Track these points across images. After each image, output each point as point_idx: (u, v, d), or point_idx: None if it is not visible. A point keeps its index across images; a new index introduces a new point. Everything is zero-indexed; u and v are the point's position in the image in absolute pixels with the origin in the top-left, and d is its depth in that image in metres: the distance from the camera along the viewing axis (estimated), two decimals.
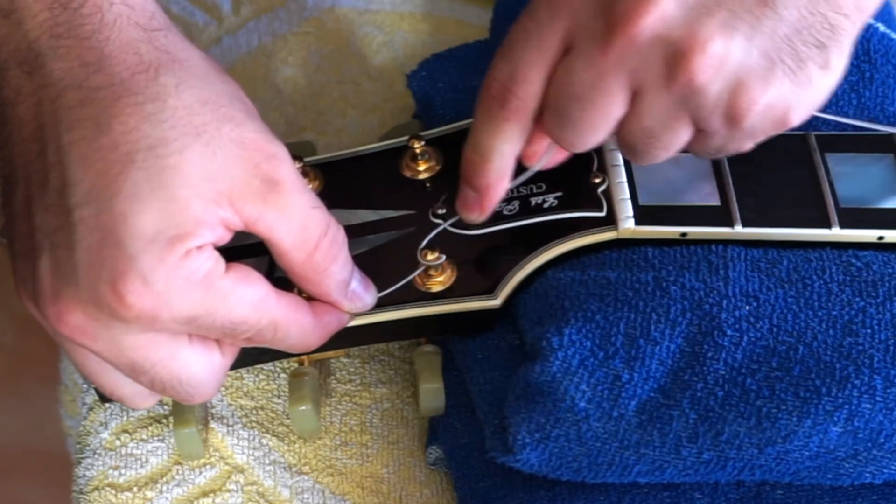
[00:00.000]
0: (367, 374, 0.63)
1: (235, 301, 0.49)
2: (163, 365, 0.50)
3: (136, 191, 0.47)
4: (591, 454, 0.54)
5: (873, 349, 0.54)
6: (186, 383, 0.51)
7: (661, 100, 0.49)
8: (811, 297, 0.55)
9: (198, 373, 0.51)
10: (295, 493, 0.60)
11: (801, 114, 0.50)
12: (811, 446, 0.53)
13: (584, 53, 0.50)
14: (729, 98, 0.49)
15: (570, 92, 0.50)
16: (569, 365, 0.54)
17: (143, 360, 0.49)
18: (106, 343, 0.48)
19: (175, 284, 0.48)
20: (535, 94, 0.52)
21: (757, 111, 0.49)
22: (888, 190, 0.58)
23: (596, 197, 0.58)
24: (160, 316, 0.48)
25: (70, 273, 0.47)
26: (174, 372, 0.50)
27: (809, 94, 0.49)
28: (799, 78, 0.49)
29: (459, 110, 0.63)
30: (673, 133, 0.51)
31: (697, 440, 0.53)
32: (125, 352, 0.49)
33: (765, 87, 0.49)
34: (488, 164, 0.54)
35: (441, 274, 0.57)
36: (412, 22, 0.74)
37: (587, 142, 0.52)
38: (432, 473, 0.61)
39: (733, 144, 0.52)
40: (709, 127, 0.50)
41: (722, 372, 0.54)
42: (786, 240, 0.57)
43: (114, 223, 0.47)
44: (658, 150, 0.52)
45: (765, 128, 0.50)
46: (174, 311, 0.48)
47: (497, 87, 0.52)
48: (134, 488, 0.59)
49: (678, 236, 0.57)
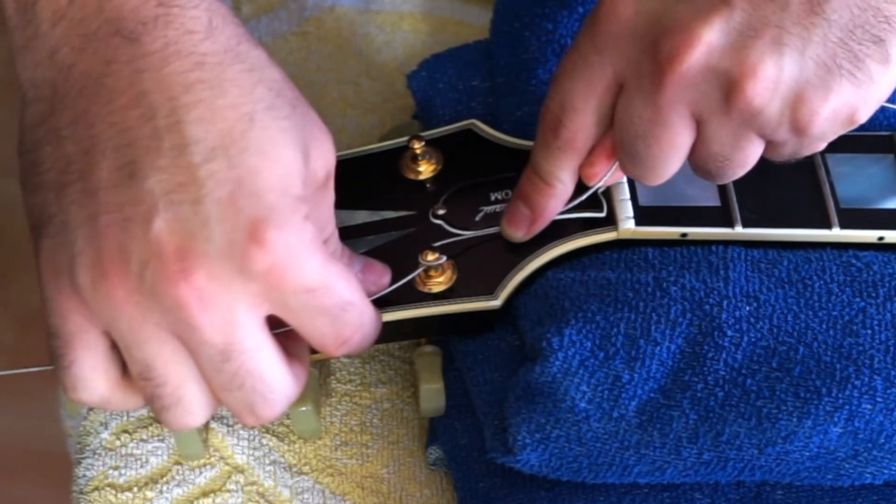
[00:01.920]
0: (368, 374, 0.63)
1: (346, 283, 0.50)
2: (252, 355, 0.49)
3: (261, 148, 0.48)
4: (591, 455, 0.54)
5: (873, 350, 0.54)
6: (267, 386, 0.50)
7: (725, 126, 0.50)
8: (811, 297, 0.55)
9: (278, 378, 0.50)
10: (295, 493, 0.60)
11: (867, 111, 0.50)
12: (811, 447, 0.53)
13: (640, 92, 0.50)
14: (791, 113, 0.49)
15: (634, 131, 0.51)
16: (569, 365, 0.54)
17: (239, 342, 0.48)
18: (215, 313, 0.48)
19: (303, 243, 0.48)
20: (586, 124, 0.53)
21: (821, 120, 0.49)
22: (888, 190, 0.58)
23: (596, 197, 0.58)
24: (286, 276, 0.48)
25: (200, 226, 0.47)
26: (260, 367, 0.49)
27: (873, 91, 0.49)
28: (859, 78, 0.49)
29: (459, 110, 0.64)
30: (744, 152, 0.51)
31: (698, 441, 0.53)
32: (227, 326, 0.48)
33: (825, 95, 0.48)
34: (550, 188, 0.56)
35: (441, 274, 0.57)
36: (412, 22, 0.74)
37: (661, 174, 0.53)
38: (432, 473, 0.61)
39: (806, 149, 0.52)
40: (777, 139, 0.50)
41: (722, 372, 0.54)
42: (786, 240, 0.57)
43: (246, 176, 0.48)
44: (734, 170, 0.52)
45: (834, 130, 0.50)
46: (299, 273, 0.48)
47: (550, 116, 0.54)
48: (134, 488, 0.59)
49: (678, 237, 0.57)
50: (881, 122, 0.61)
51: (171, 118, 0.48)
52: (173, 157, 0.48)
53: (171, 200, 0.47)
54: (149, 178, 0.48)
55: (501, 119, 0.63)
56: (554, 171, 0.55)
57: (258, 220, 0.47)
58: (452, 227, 0.58)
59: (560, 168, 0.55)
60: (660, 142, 0.51)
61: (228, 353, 0.48)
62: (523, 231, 0.57)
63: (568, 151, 0.54)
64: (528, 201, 0.56)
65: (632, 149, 0.52)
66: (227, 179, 0.48)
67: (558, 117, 0.53)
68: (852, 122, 0.50)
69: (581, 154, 0.55)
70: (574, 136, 0.54)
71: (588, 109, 0.53)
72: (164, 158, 0.48)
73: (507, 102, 0.63)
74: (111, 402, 0.51)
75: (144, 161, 0.48)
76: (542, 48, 0.62)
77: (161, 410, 0.50)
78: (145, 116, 0.48)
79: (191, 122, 0.48)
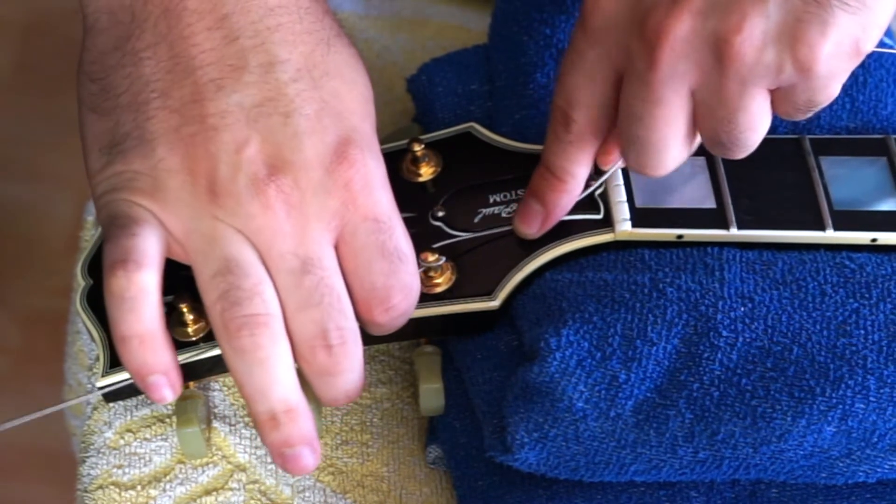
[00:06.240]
0: (368, 374, 0.62)
1: (406, 235, 0.52)
2: (331, 273, 0.50)
3: (339, 72, 0.52)
4: (588, 453, 0.54)
5: (867, 350, 0.54)
6: (344, 309, 0.50)
7: (724, 88, 0.49)
8: (805, 298, 0.55)
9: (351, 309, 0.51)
10: (296, 492, 0.60)
11: (871, 39, 0.49)
12: (805, 446, 0.53)
13: (635, 75, 0.51)
14: (791, 55, 0.48)
15: (632, 113, 0.51)
16: (567, 365, 0.54)
17: (318, 257, 0.50)
18: (296, 222, 0.49)
19: (379, 169, 0.51)
20: (594, 116, 0.54)
21: (825, 55, 0.48)
22: (881, 193, 0.58)
23: (594, 200, 0.58)
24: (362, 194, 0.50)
25: (289, 137, 0.50)
26: (338, 287, 0.50)
27: (871, 17, 0.48)
28: (853, 6, 0.47)
29: (458, 114, 0.64)
30: (749, 112, 0.50)
31: (693, 440, 0.53)
32: (307, 238, 0.50)
33: (822, 30, 0.47)
34: (562, 183, 0.56)
35: (441, 275, 0.57)
36: (412, 27, 0.74)
37: (663, 160, 0.52)
38: (432, 472, 0.61)
39: (820, 93, 0.50)
40: (783, 84, 0.49)
41: (718, 372, 0.54)
42: (780, 242, 0.57)
43: (330, 98, 0.51)
44: (746, 134, 0.51)
45: (841, 66, 0.49)
46: (372, 198, 0.50)
47: (559, 112, 0.54)
48: (137, 487, 0.59)
49: (674, 238, 0.57)
50: (874, 126, 0.61)
51: (256, 39, 0.50)
52: (261, 74, 0.50)
53: (260, 112, 0.50)
54: (235, 92, 0.50)
55: (500, 122, 0.63)
56: (566, 166, 0.56)
57: (343, 138, 0.50)
58: (452, 228, 0.58)
59: (572, 163, 0.55)
60: (657, 120, 0.51)
61: (309, 265, 0.50)
62: (536, 228, 0.57)
63: (578, 145, 0.55)
64: (541, 198, 0.57)
65: (632, 133, 0.52)
66: (312, 98, 0.50)
67: (566, 113, 0.54)
68: (858, 52, 0.49)
69: (592, 147, 0.55)
70: (584, 129, 0.54)
71: (594, 103, 0.53)
72: (252, 75, 0.50)
73: (506, 106, 0.63)
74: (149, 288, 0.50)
75: (230, 78, 0.50)
76: (540, 52, 0.63)
77: (233, 306, 0.49)
78: (229, 38, 0.50)
79: (275, 43, 0.50)
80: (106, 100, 0.51)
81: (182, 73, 0.50)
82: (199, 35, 0.50)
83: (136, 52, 0.51)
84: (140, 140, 0.50)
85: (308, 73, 0.51)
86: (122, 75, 0.51)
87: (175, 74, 0.50)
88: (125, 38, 0.51)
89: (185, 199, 0.50)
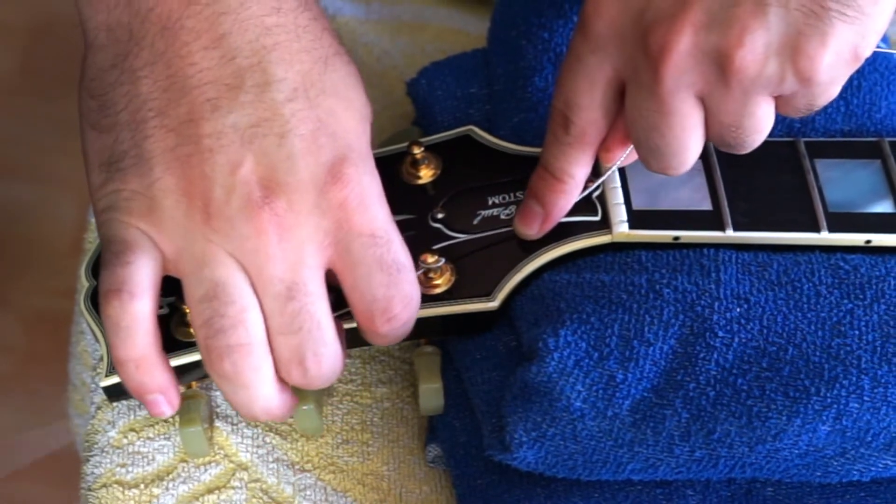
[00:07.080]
0: (368, 374, 0.63)
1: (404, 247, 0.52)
2: (314, 300, 0.50)
3: (335, 91, 0.51)
4: (586, 452, 0.54)
5: (861, 350, 0.54)
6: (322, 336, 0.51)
7: (729, 98, 0.50)
8: (800, 299, 0.55)
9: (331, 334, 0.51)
10: (297, 490, 0.60)
11: (869, 45, 0.49)
12: (800, 445, 0.53)
13: (641, 87, 0.51)
14: (792, 66, 0.48)
15: (646, 125, 0.52)
16: (564, 366, 0.54)
17: (304, 283, 0.50)
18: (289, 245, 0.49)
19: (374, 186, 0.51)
20: (594, 118, 0.54)
21: (824, 65, 0.48)
22: (875, 195, 0.59)
23: (591, 202, 0.58)
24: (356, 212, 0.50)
25: (283, 159, 0.49)
26: (319, 314, 0.50)
27: (869, 25, 0.48)
28: (850, 16, 0.48)
29: (458, 117, 0.64)
30: (754, 118, 0.51)
31: (690, 439, 0.54)
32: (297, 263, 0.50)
33: (822, 40, 0.48)
34: (562, 184, 0.56)
35: (440, 276, 0.57)
36: (412, 31, 0.74)
37: (684, 160, 0.53)
38: (431, 471, 0.61)
39: (821, 97, 0.50)
40: (785, 93, 0.50)
41: (714, 372, 0.54)
42: (776, 243, 0.57)
43: (325, 116, 0.50)
44: (752, 136, 0.52)
45: (841, 73, 0.49)
46: (367, 214, 0.50)
47: (558, 115, 0.55)
48: (141, 485, 0.59)
49: (671, 240, 0.57)
50: (868, 129, 0.61)
51: (253, 58, 0.50)
52: (256, 94, 0.50)
53: (255, 133, 0.49)
54: (231, 112, 0.49)
55: (499, 125, 0.63)
56: (565, 167, 0.56)
57: (339, 157, 0.50)
58: (451, 230, 0.59)
59: (571, 163, 0.56)
60: (672, 129, 0.51)
61: (294, 292, 0.50)
62: (536, 229, 0.58)
63: (578, 147, 0.55)
64: (540, 199, 0.57)
65: (649, 142, 0.52)
66: (308, 118, 0.50)
67: (566, 115, 0.54)
68: (857, 58, 0.49)
69: (591, 148, 0.55)
70: (583, 130, 0.54)
71: (594, 105, 0.54)
72: (247, 95, 0.50)
73: (505, 109, 0.63)
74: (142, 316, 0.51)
75: (226, 97, 0.50)
76: (539, 57, 0.63)
77: (217, 334, 0.50)
78: (226, 57, 0.50)
79: (272, 62, 0.50)
80: (105, 116, 0.51)
81: (179, 91, 0.50)
82: (196, 54, 0.50)
83: (133, 70, 0.51)
84: (138, 159, 0.50)
85: (304, 93, 0.50)
86: (120, 93, 0.51)
87: (172, 93, 0.50)
88: (123, 56, 0.51)
89: (178, 219, 0.50)
